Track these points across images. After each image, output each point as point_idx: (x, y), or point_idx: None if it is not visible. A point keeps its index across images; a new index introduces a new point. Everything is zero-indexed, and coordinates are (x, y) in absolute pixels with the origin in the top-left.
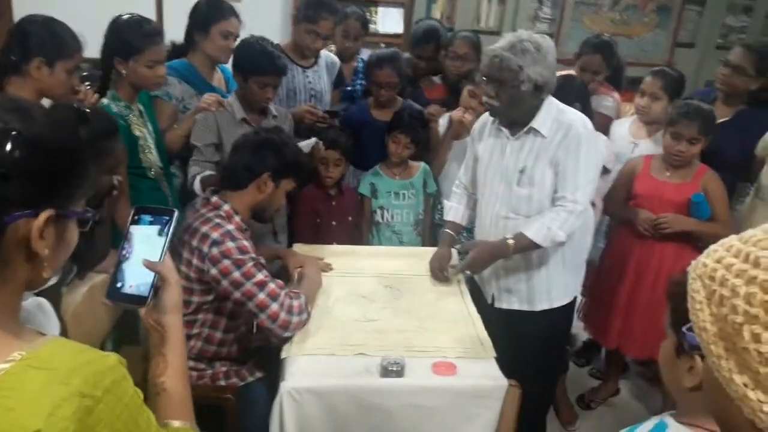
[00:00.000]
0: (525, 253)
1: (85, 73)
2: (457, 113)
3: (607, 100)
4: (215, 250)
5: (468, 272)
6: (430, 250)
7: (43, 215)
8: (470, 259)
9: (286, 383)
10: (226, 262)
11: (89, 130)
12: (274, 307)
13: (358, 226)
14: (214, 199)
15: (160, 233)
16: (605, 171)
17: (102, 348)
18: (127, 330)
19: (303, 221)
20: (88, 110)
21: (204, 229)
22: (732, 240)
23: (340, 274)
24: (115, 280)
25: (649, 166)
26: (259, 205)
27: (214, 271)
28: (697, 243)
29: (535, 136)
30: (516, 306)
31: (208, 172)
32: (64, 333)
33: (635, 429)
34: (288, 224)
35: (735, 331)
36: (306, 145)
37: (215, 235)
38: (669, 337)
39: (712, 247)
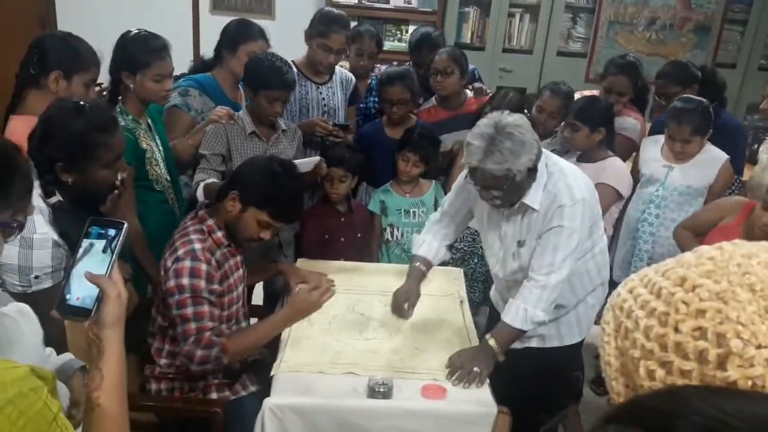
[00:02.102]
0: (513, 291)
1: (104, 86)
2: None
3: (628, 122)
4: (173, 266)
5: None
6: (436, 269)
7: None
8: (451, 364)
9: (269, 399)
10: (172, 282)
11: (84, 122)
12: (183, 345)
13: (367, 244)
14: (201, 212)
15: (109, 246)
16: (619, 197)
17: None
18: (133, 336)
19: (311, 237)
20: (85, 104)
21: (177, 242)
22: (650, 269)
23: (341, 291)
24: (64, 293)
25: (741, 223)
26: (229, 223)
27: (164, 287)
28: None
29: (529, 211)
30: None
31: (212, 180)
32: (57, 337)
33: None
34: (296, 238)
35: (633, 367)
36: (307, 162)
37: (180, 251)
38: None
39: (631, 276)
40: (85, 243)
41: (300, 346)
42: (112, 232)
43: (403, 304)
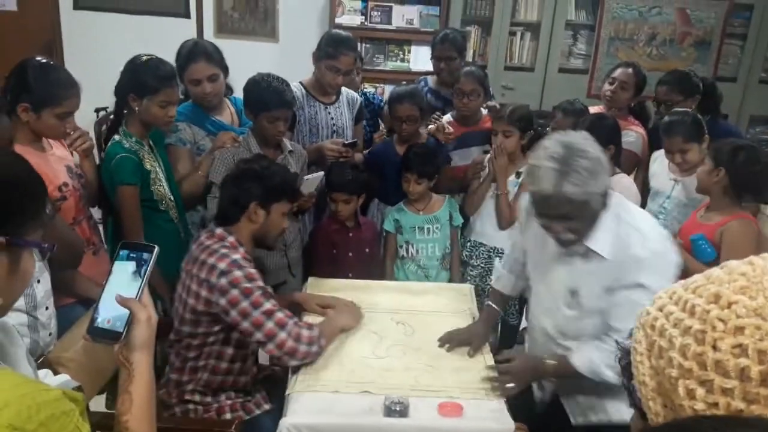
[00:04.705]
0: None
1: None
2: (500, 159)
3: (629, 135)
4: (223, 280)
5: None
6: (447, 287)
7: None
8: (509, 369)
9: (285, 419)
10: (234, 292)
11: None
12: (282, 335)
13: (375, 259)
14: (219, 231)
15: (139, 269)
16: None
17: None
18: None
19: (320, 253)
20: None
21: (211, 260)
22: (677, 286)
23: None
24: (95, 316)
25: (704, 206)
26: (257, 234)
27: (222, 302)
28: None
29: (595, 258)
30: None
31: None
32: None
33: None
34: (304, 256)
35: (671, 387)
36: (314, 178)
37: (222, 265)
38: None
39: (659, 293)
40: (116, 266)
41: (313, 364)
42: (142, 255)
43: (461, 344)
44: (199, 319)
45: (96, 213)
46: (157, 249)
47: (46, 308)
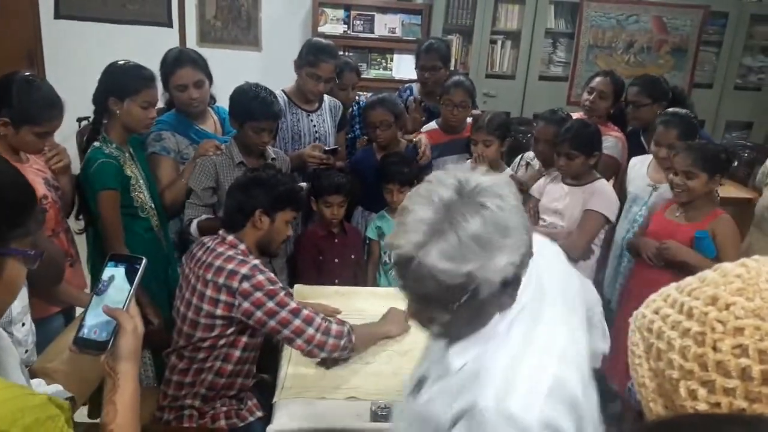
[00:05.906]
0: None
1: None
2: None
3: (608, 141)
4: (246, 285)
5: None
6: None
7: None
8: None
9: (272, 426)
10: (258, 294)
11: None
12: (310, 331)
13: (360, 264)
14: (230, 238)
15: (127, 281)
16: (607, 222)
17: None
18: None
19: (305, 259)
20: None
21: (230, 266)
22: (670, 288)
23: (340, 316)
24: (82, 326)
25: (666, 208)
26: (260, 241)
27: (246, 305)
28: None
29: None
30: None
31: (204, 216)
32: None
33: None
34: (288, 265)
35: (672, 388)
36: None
37: (244, 270)
38: None
39: (652, 296)
40: (104, 277)
41: (300, 370)
42: (130, 267)
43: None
44: (215, 323)
45: (74, 224)
46: (145, 261)
47: (23, 324)
